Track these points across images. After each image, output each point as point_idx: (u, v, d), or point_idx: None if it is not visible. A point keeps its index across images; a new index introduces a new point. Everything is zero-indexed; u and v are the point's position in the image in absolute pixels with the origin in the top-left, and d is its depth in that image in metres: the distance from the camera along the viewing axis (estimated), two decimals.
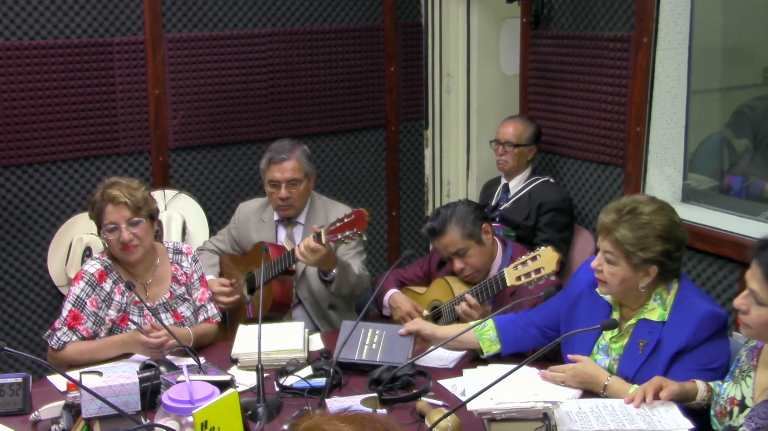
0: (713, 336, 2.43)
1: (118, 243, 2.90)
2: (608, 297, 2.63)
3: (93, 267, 2.97)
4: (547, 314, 2.82)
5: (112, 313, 2.94)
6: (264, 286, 3.37)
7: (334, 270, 3.26)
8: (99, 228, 2.97)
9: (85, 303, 2.91)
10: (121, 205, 2.89)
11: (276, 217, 3.59)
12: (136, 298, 2.97)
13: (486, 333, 2.80)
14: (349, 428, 1.28)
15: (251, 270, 3.53)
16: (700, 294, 2.56)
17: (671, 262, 2.48)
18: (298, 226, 3.57)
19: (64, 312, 2.91)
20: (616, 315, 2.60)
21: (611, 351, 2.60)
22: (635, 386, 2.46)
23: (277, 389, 2.62)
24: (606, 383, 2.49)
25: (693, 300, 2.49)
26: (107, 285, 2.95)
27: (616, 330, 2.58)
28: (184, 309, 3.05)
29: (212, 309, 3.13)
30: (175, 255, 3.10)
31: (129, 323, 2.94)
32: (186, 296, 3.07)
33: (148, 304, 2.96)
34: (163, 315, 2.97)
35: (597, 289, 2.63)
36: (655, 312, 2.51)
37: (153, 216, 3.01)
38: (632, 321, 2.55)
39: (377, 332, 2.83)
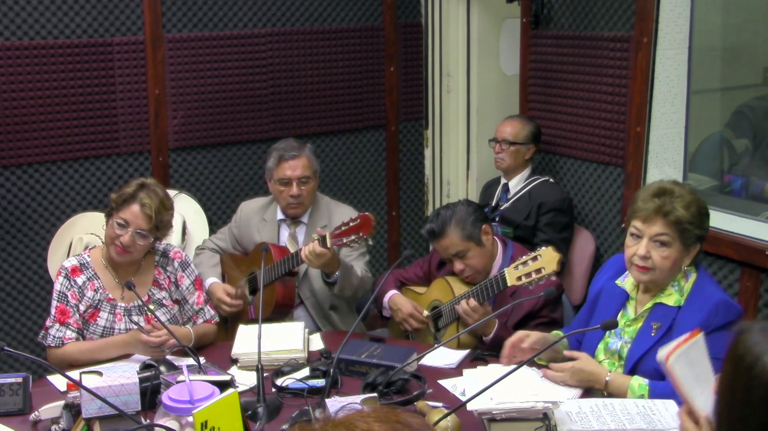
0: (726, 326, 2.44)
1: (117, 239, 2.91)
2: (626, 285, 2.66)
3: (69, 262, 3.00)
4: (579, 324, 2.82)
5: (82, 307, 2.95)
6: (267, 288, 3.37)
7: (337, 273, 3.26)
8: (110, 213, 2.97)
9: (67, 296, 2.94)
10: (145, 215, 2.90)
11: (279, 217, 3.59)
12: (110, 296, 2.97)
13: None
14: (380, 427, 1.26)
15: (253, 271, 3.52)
16: (716, 285, 2.60)
17: (705, 235, 2.56)
18: (302, 226, 3.57)
19: (52, 310, 2.94)
20: (632, 303, 2.64)
21: (624, 334, 2.62)
22: (636, 377, 2.48)
23: (274, 389, 2.62)
24: (607, 379, 2.50)
25: (709, 289, 2.53)
26: (79, 280, 2.96)
27: (631, 314, 2.62)
28: (160, 315, 3.01)
29: (209, 311, 3.13)
30: (161, 258, 3.09)
31: (98, 320, 2.95)
32: (165, 302, 3.05)
33: (122, 304, 2.97)
34: (136, 318, 2.96)
35: (618, 281, 2.66)
36: (672, 297, 2.54)
37: (159, 239, 3.02)
38: (648, 305, 2.58)
39: (379, 345, 2.87)
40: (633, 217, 2.57)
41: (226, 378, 2.51)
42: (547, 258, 2.79)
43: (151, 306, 3.01)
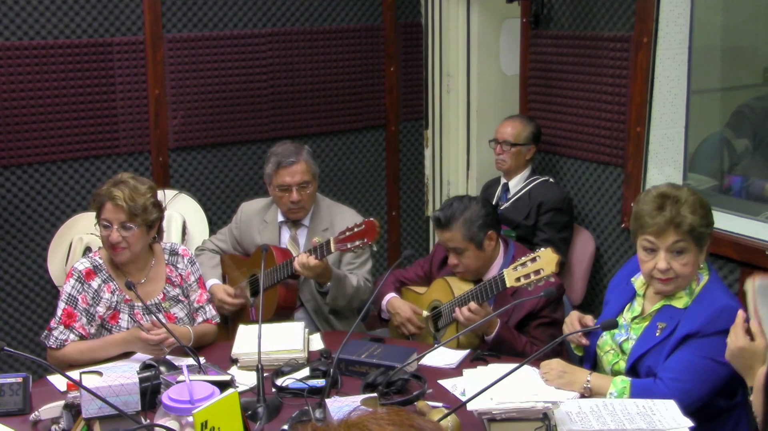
0: (728, 331, 2.44)
1: (108, 241, 2.92)
2: (636, 283, 2.69)
3: (82, 265, 2.99)
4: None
5: (101, 310, 2.94)
6: (269, 290, 3.36)
7: (329, 283, 3.27)
8: (96, 219, 2.99)
9: (77, 300, 2.93)
10: (118, 207, 2.90)
11: (280, 218, 3.58)
12: (127, 297, 2.97)
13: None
14: (393, 430, 1.26)
15: (255, 273, 3.52)
16: (726, 291, 2.61)
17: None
18: (303, 228, 3.56)
19: (59, 311, 2.93)
20: (639, 300, 2.66)
21: (631, 330, 2.64)
22: (621, 377, 2.50)
23: (274, 389, 2.62)
24: (588, 378, 2.51)
25: (717, 293, 2.54)
26: (95, 283, 2.96)
27: (638, 311, 2.65)
28: (178, 311, 3.04)
29: (211, 311, 3.13)
30: (171, 256, 3.10)
31: (119, 321, 2.95)
32: (180, 298, 3.06)
33: (139, 304, 2.97)
34: (159, 315, 2.96)
35: (633, 278, 2.70)
36: (681, 300, 2.55)
37: (151, 224, 2.99)
38: (657, 306, 2.59)
39: (379, 345, 2.87)
40: (642, 232, 2.54)
41: (226, 378, 2.51)
42: (546, 259, 2.78)
43: (167, 304, 3.01)
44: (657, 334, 2.54)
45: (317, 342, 3.04)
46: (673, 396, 2.38)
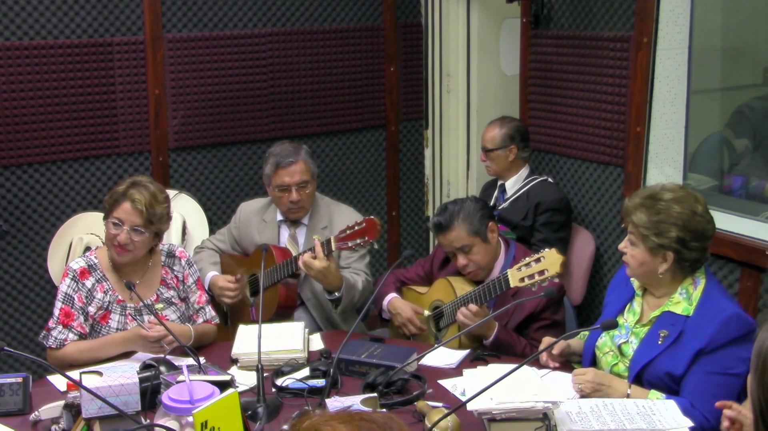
0: (738, 340, 2.42)
1: (114, 240, 2.91)
2: (635, 285, 2.68)
3: (77, 264, 2.99)
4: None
5: (92, 310, 2.95)
6: (269, 290, 3.36)
7: (337, 293, 3.26)
8: (106, 215, 2.97)
9: (73, 299, 2.93)
10: (136, 211, 2.89)
11: (279, 218, 3.58)
12: (120, 297, 2.97)
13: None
14: (345, 428, 1.30)
15: (254, 272, 3.52)
16: (727, 296, 2.58)
17: (688, 251, 2.51)
18: (302, 227, 3.56)
19: (56, 311, 2.93)
20: (638, 301, 2.66)
21: (631, 334, 2.63)
22: (653, 391, 2.47)
23: (274, 389, 2.62)
24: (629, 392, 2.48)
25: (720, 300, 2.51)
26: (88, 282, 2.96)
27: (637, 309, 2.64)
28: (170, 313, 3.03)
29: (210, 312, 3.13)
30: (167, 258, 3.09)
31: (110, 321, 2.95)
32: (174, 300, 3.06)
33: (132, 305, 2.97)
34: (146, 317, 2.96)
35: (642, 287, 2.69)
36: (680, 305, 2.53)
37: (159, 233, 3.01)
38: (656, 312, 2.58)
39: (380, 345, 2.87)
40: None
41: (226, 378, 2.51)
42: (551, 260, 2.78)
43: (160, 305, 3.01)
44: (659, 342, 2.51)
45: (317, 342, 3.04)
46: (705, 419, 2.37)
